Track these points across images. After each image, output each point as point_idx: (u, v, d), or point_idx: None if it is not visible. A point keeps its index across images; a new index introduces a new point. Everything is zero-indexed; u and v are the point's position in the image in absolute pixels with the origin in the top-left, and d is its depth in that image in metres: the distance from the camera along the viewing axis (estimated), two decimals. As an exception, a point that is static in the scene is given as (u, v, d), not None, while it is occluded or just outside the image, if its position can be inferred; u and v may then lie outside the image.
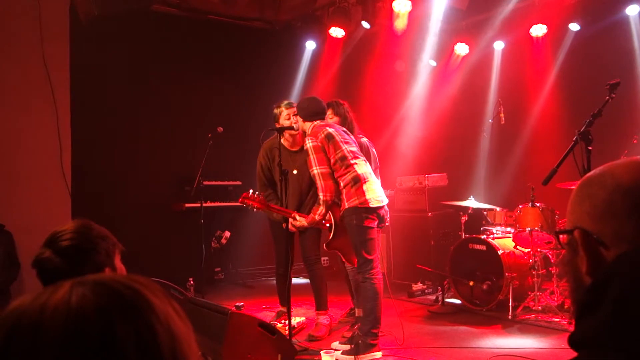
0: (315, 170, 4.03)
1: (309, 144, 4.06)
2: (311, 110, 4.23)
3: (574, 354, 0.86)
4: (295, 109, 4.45)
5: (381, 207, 4.05)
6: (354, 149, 4.16)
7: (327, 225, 4.26)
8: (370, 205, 3.97)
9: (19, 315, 0.61)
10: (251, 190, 4.29)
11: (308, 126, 4.21)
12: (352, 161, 4.05)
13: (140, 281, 0.67)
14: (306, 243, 4.63)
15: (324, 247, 4.30)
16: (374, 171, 4.42)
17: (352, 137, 4.29)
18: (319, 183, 4.04)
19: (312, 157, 4.04)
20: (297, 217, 4.26)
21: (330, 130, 4.11)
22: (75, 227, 1.66)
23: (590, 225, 0.94)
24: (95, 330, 0.59)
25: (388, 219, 4.24)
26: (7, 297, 4.69)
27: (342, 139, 4.10)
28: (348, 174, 4.01)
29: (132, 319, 0.61)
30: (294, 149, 4.67)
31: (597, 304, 0.85)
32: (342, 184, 4.03)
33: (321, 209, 4.09)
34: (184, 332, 0.65)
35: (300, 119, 4.28)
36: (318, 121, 4.20)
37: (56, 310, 0.60)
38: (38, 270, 1.62)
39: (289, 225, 4.31)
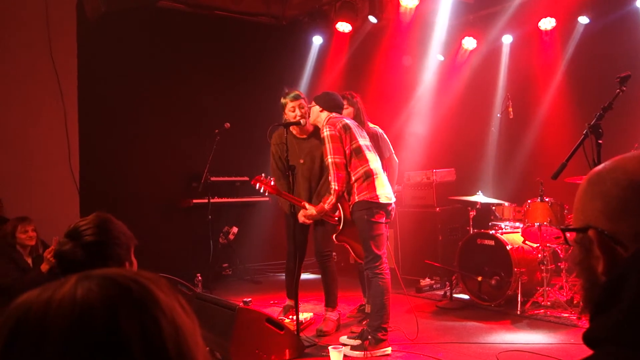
0: (330, 159, 4.05)
1: (326, 132, 4.09)
2: (331, 103, 4.30)
3: (585, 350, 0.85)
4: (301, 101, 4.49)
5: (389, 204, 4.08)
6: (368, 143, 4.22)
7: (336, 218, 4.27)
8: (380, 201, 4.00)
9: (25, 309, 0.61)
10: (264, 174, 4.36)
11: (324, 116, 4.25)
12: (367, 154, 4.08)
13: (146, 276, 0.66)
14: (320, 238, 4.61)
15: (333, 238, 4.32)
16: (389, 159, 4.66)
17: (365, 132, 4.35)
18: (332, 172, 4.05)
19: (329, 145, 4.05)
20: (307, 206, 4.28)
21: (348, 121, 4.19)
22: (98, 222, 1.69)
23: (605, 224, 0.91)
24: (100, 324, 0.59)
25: (393, 214, 4.28)
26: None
27: (358, 132, 4.17)
28: (361, 168, 4.04)
29: (137, 313, 0.61)
30: (302, 137, 4.66)
31: (613, 301, 0.83)
32: (353, 178, 4.05)
33: (331, 199, 4.10)
34: (189, 327, 0.65)
35: (317, 109, 4.32)
36: (334, 113, 4.25)
37: (62, 304, 0.60)
38: (59, 261, 1.63)
39: (300, 217, 4.33)
